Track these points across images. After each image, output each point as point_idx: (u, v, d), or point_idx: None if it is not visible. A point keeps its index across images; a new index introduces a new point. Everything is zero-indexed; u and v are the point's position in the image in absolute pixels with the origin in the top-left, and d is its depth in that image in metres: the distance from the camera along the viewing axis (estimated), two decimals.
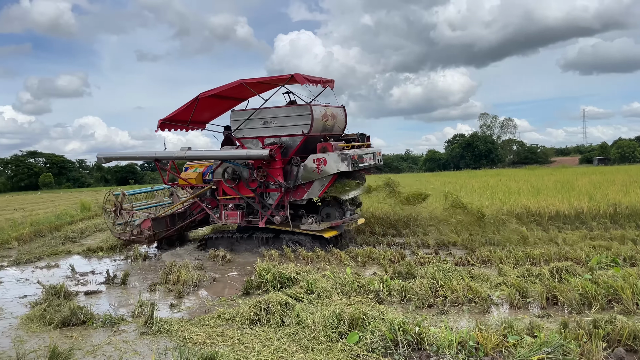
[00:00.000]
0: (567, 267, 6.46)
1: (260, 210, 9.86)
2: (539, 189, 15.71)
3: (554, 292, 5.57)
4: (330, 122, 9.92)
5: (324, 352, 4.34)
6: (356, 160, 9.25)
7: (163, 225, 11.09)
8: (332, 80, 10.16)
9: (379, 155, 10.35)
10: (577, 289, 5.47)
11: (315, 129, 9.44)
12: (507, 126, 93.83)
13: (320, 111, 9.58)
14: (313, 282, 6.26)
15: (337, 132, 10.31)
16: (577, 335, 4.15)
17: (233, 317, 5.46)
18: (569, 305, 5.31)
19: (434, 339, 4.31)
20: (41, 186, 73.42)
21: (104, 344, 4.82)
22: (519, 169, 58.81)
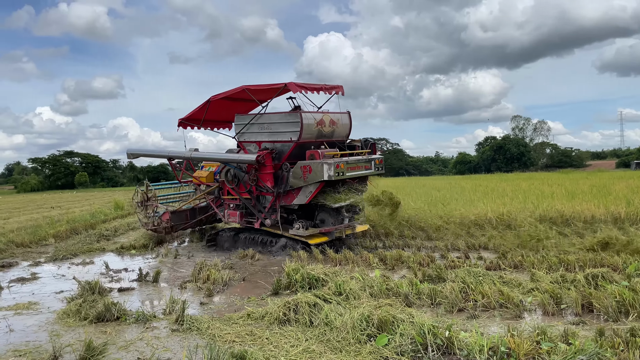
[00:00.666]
0: (603, 274, 6.28)
1: (255, 212, 10.23)
2: (573, 193, 15.31)
3: (589, 299, 5.42)
4: (329, 128, 9.89)
5: (352, 353, 4.33)
6: (342, 169, 9.17)
7: (182, 219, 11.81)
8: (339, 87, 10.30)
9: (379, 163, 10.19)
10: (613, 296, 5.31)
11: (308, 136, 9.51)
12: (541, 129, 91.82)
13: (313, 118, 9.59)
14: (341, 284, 6.26)
15: (339, 138, 10.27)
16: (614, 343, 4.02)
17: (262, 317, 5.50)
18: (605, 313, 5.16)
19: (465, 344, 4.24)
20: (77, 185, 75.55)
21: (136, 340, 4.93)
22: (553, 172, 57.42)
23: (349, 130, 10.49)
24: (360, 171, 9.67)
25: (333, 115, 10.11)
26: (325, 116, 9.88)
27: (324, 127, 9.78)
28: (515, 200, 13.44)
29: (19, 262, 10.16)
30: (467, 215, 11.61)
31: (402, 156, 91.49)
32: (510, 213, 11.33)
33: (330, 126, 9.92)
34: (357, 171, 9.61)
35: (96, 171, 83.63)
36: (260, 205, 10.20)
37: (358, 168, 9.62)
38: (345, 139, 10.49)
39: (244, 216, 10.61)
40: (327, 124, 9.85)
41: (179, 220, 11.75)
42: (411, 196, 17.31)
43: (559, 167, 79.08)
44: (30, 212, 22.78)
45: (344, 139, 10.46)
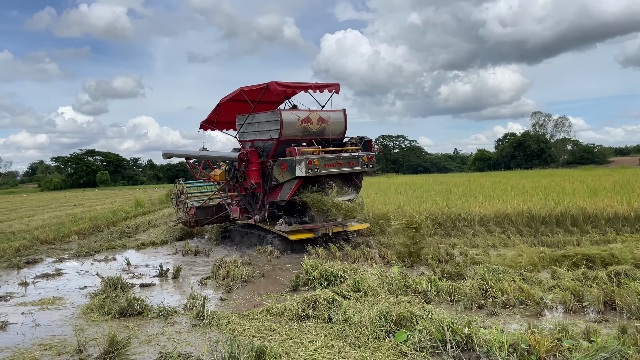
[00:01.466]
0: (626, 271, 6.18)
1: (249, 208, 10.62)
2: (595, 189, 15.07)
3: (611, 296, 5.34)
4: (317, 126, 9.99)
5: (371, 349, 4.35)
6: (316, 165, 9.19)
7: (208, 214, 12.31)
8: (333, 85, 10.36)
9: (368, 161, 10.06)
10: (637, 293, 5.22)
11: (290, 133, 9.68)
12: (562, 125, 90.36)
13: (295, 116, 9.74)
14: (360, 280, 6.27)
15: (333, 136, 10.28)
16: (637, 341, 3.97)
17: (281, 313, 5.54)
18: (628, 311, 5.08)
19: (484, 341, 4.22)
20: (98, 183, 76.81)
21: (158, 334, 5.01)
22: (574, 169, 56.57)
23: (344, 128, 10.50)
24: (342, 168, 9.68)
25: (323, 113, 10.19)
26: (312, 114, 9.99)
27: (310, 125, 9.90)
28: (536, 197, 13.28)
29: (43, 259, 10.38)
30: (486, 213, 11.51)
31: (420, 153, 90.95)
32: (531, 210, 11.21)
33: (319, 124, 10.02)
34: (338, 168, 9.63)
35: (117, 169, 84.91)
36: (253, 201, 10.54)
37: (339, 165, 9.63)
38: (340, 136, 10.51)
39: (245, 212, 10.97)
40: (315, 122, 9.96)
41: (204, 216, 12.24)
42: (429, 193, 17.22)
43: (581, 163, 77.77)
44: (54, 210, 23.25)
45: (339, 137, 10.47)
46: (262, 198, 10.18)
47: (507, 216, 11.21)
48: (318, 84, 10.36)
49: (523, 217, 11.05)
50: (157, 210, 21.30)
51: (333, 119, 10.29)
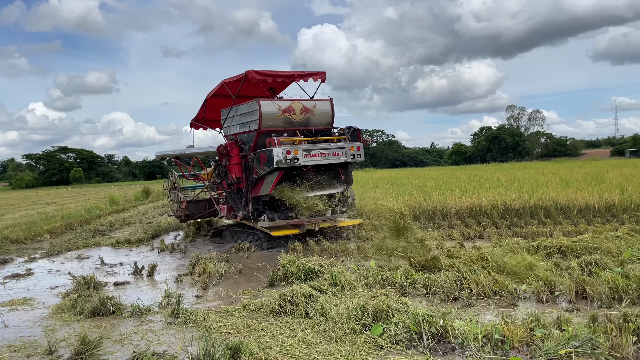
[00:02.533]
0: (597, 261, 6.31)
1: (234, 205, 10.18)
2: (568, 181, 15.38)
3: (583, 285, 5.44)
4: (301, 116, 9.56)
5: (347, 343, 4.34)
6: (294, 155, 8.73)
7: (200, 208, 12.06)
8: (319, 73, 9.94)
9: (354, 151, 9.49)
10: (607, 282, 5.34)
11: (271, 124, 9.29)
12: (535, 118, 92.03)
13: (275, 105, 9.31)
14: (337, 275, 6.27)
15: (319, 127, 9.84)
16: (607, 329, 4.05)
17: (258, 309, 5.51)
18: (599, 300, 5.19)
19: (459, 332, 4.26)
20: (72, 181, 75.32)
21: (131, 334, 4.92)
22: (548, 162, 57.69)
23: (331, 118, 10.04)
24: (325, 159, 9.17)
25: (307, 102, 9.70)
26: (295, 104, 9.54)
27: (293, 115, 9.46)
28: (510, 190, 13.48)
29: (13, 259, 10.12)
30: (462, 205, 11.63)
31: (398, 147, 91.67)
32: (505, 202, 11.37)
33: (302, 114, 9.57)
34: (321, 159, 9.12)
35: (91, 167, 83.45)
36: (238, 198, 10.15)
37: (322, 155, 9.11)
38: (327, 127, 10.04)
39: (231, 210, 10.51)
40: (298, 112, 9.50)
41: (196, 210, 12.02)
42: (407, 187, 17.34)
43: (554, 156, 79.38)
44: (25, 209, 22.70)
45: (325, 127, 10.01)
46: (245, 193, 9.80)
47: (483, 209, 11.35)
48: (302, 73, 9.94)
49: (498, 209, 11.20)
50: (132, 208, 20.98)
51: (318, 109, 9.82)
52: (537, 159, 75.61)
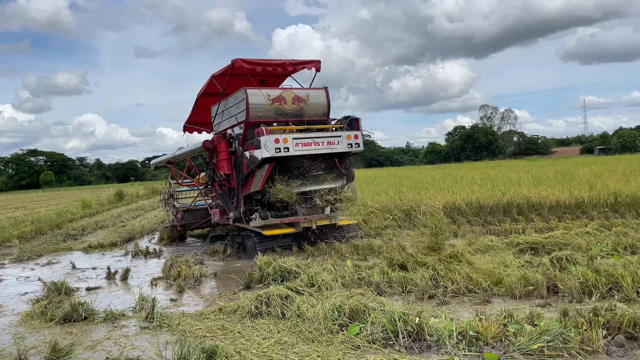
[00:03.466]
0: (567, 257, 6.45)
1: (225, 206, 9.51)
2: (539, 179, 15.70)
3: (554, 281, 5.56)
4: (293, 106, 8.80)
5: (324, 343, 4.34)
6: (285, 144, 7.99)
7: (197, 217, 11.39)
8: (313, 62, 9.32)
9: (351, 140, 8.67)
10: (577, 277, 5.46)
11: (261, 115, 8.58)
12: (508, 117, 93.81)
13: (264, 94, 8.58)
14: (314, 275, 6.26)
15: (314, 117, 9.05)
16: (577, 323, 4.14)
17: (234, 311, 5.46)
18: (570, 294, 5.30)
19: (435, 330, 4.30)
20: (42, 184, 73.59)
21: (104, 339, 4.81)
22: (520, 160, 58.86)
23: (327, 108, 9.22)
24: (320, 148, 8.41)
25: (300, 91, 9.01)
26: (286, 93, 8.84)
27: (284, 104, 8.75)
28: (484, 188, 13.68)
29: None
30: (435, 204, 11.75)
31: (374, 147, 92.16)
32: (479, 200, 11.54)
33: (295, 104, 8.83)
34: (315, 148, 8.37)
35: (62, 170, 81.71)
36: (229, 198, 9.53)
37: (316, 144, 8.35)
38: (322, 118, 9.21)
39: (224, 213, 9.78)
40: (290, 102, 8.79)
41: (193, 219, 11.33)
42: (382, 186, 17.45)
43: (526, 154, 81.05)
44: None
45: (321, 118, 9.19)
46: (237, 192, 9.07)
47: (457, 207, 11.49)
48: (294, 61, 9.24)
49: (472, 207, 11.36)
50: (105, 211, 20.59)
51: (312, 99, 9.03)
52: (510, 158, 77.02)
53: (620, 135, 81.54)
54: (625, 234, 8.01)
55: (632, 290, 5.14)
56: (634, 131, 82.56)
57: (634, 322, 4.13)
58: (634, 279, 5.27)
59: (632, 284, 5.22)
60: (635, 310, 4.33)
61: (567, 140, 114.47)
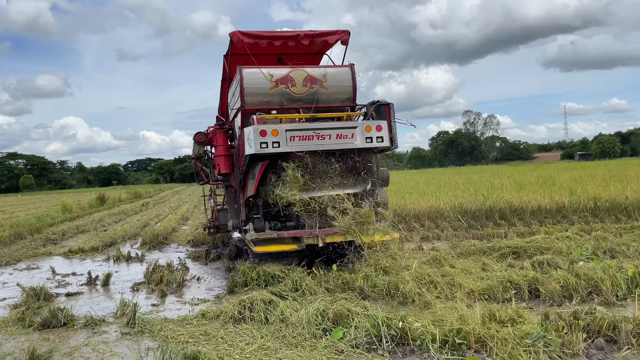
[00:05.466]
0: (548, 260, 6.54)
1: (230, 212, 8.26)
2: (521, 184, 15.90)
3: (535, 285, 5.62)
4: (304, 88, 7.16)
5: (308, 348, 4.32)
6: (274, 137, 6.45)
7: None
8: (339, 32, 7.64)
9: (370, 132, 6.73)
10: (558, 281, 5.53)
11: (263, 100, 7.13)
12: (490, 123, 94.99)
13: (264, 74, 7.04)
14: (298, 280, 6.25)
15: (333, 104, 7.39)
16: (558, 326, 4.18)
17: (217, 316, 5.41)
18: (550, 298, 5.36)
19: (418, 334, 4.31)
20: (22, 188, 72.34)
21: (82, 346, 4.72)
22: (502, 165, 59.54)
23: (353, 92, 7.39)
24: (324, 143, 6.64)
25: (314, 70, 7.26)
26: (295, 72, 7.16)
27: (292, 87, 7.13)
28: (467, 193, 13.81)
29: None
30: (420, 208, 11.83)
31: None
32: (462, 205, 11.64)
33: (306, 86, 7.17)
34: (318, 142, 6.63)
35: (42, 173, 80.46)
36: (232, 202, 8.26)
37: (320, 138, 6.62)
38: (346, 104, 7.46)
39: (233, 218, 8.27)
40: (300, 83, 7.14)
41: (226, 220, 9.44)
42: None
43: (508, 159, 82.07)
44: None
45: (343, 104, 7.44)
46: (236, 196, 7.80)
47: (440, 211, 11.57)
48: (311, 32, 7.44)
49: (455, 211, 11.44)
50: (86, 215, 20.30)
51: (332, 79, 7.24)
52: (493, 163, 77.89)
53: (600, 141, 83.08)
54: (605, 238, 8.15)
55: (612, 294, 5.23)
56: (613, 137, 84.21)
57: (614, 325, 4.19)
58: (613, 283, 5.37)
59: (612, 288, 5.31)
60: (614, 313, 4.40)
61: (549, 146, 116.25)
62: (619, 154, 77.92)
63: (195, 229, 13.84)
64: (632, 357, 3.89)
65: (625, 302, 5.17)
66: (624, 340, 4.04)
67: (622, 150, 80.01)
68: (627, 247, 7.54)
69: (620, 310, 4.91)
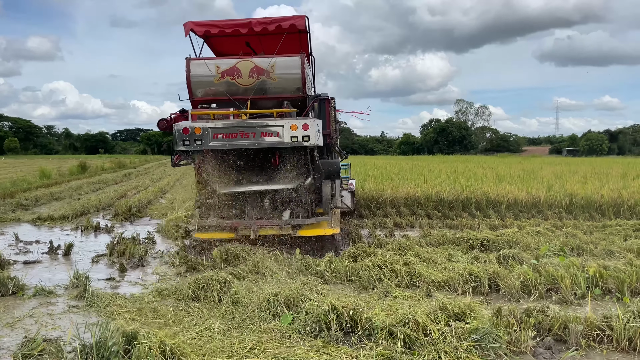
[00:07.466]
0: (514, 255, 6.49)
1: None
2: (502, 176, 15.87)
3: (496, 279, 5.57)
4: (251, 80, 7.09)
5: (255, 332, 4.23)
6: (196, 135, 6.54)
7: None
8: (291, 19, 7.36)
9: (296, 130, 6.59)
10: (518, 277, 5.48)
11: (209, 92, 7.19)
12: (482, 113, 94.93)
13: (210, 65, 7.08)
14: (259, 262, 6.15)
15: (282, 94, 7.27)
16: (509, 323, 4.13)
17: (172, 294, 5.31)
18: (509, 293, 5.32)
19: (368, 322, 4.23)
20: (6, 151, 71.33)
21: (26, 317, 4.60)
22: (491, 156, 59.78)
23: (302, 82, 7.19)
24: (248, 140, 6.62)
25: (261, 60, 7.12)
26: (242, 63, 7.08)
27: (237, 78, 7.10)
28: (446, 182, 13.74)
29: None
30: (397, 195, 11.75)
31: (349, 135, 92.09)
32: (439, 194, 11.57)
33: (253, 77, 7.10)
34: (242, 140, 6.61)
35: (28, 137, 79.36)
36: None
37: (244, 135, 6.60)
38: (297, 95, 7.29)
39: None
40: (246, 75, 7.07)
41: None
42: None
43: (497, 151, 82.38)
44: None
45: (293, 95, 7.29)
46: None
47: (417, 199, 11.50)
48: (263, 20, 7.25)
49: (432, 200, 11.38)
50: (64, 183, 19.96)
51: (280, 70, 7.11)
52: (482, 153, 78.16)
53: (588, 138, 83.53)
54: (574, 236, 8.13)
55: (570, 293, 5.18)
56: (601, 135, 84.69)
57: (565, 325, 4.14)
58: (572, 281, 5.32)
59: (571, 286, 5.26)
60: (567, 313, 4.36)
61: (538, 140, 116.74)
62: (606, 151, 78.54)
63: (171, 203, 13.68)
64: (580, 358, 3.85)
65: (583, 301, 5.13)
66: (573, 340, 4.00)
67: (609, 148, 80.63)
68: (595, 245, 7.52)
69: (577, 309, 4.88)
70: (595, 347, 3.98)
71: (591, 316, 4.21)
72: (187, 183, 19.94)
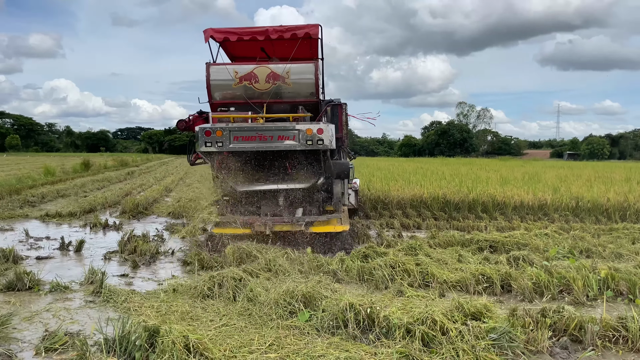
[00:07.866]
0: (524, 256, 6.53)
1: None
2: (507, 179, 15.90)
3: (508, 280, 5.60)
4: (267, 85, 7.43)
5: (273, 328, 4.26)
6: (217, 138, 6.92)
7: None
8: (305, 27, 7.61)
9: (311, 134, 6.89)
10: (530, 277, 5.52)
11: (228, 96, 7.56)
12: (484, 116, 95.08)
13: (230, 71, 7.43)
14: (272, 260, 6.19)
15: (296, 99, 7.61)
16: (525, 323, 4.17)
17: (186, 291, 5.34)
18: (522, 294, 5.35)
19: (385, 320, 4.27)
20: (8, 148, 71.39)
21: (42, 311, 4.64)
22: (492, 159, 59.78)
23: (315, 87, 7.49)
24: (266, 143, 6.97)
25: (277, 67, 7.45)
26: (259, 69, 7.42)
27: (255, 83, 7.45)
28: (452, 184, 13.78)
29: None
30: (404, 196, 11.79)
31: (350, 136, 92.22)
32: (446, 195, 11.61)
33: (269, 82, 7.43)
34: (260, 143, 6.96)
35: (29, 134, 79.38)
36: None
37: (262, 139, 6.95)
38: (310, 100, 7.63)
39: None
40: (263, 80, 7.43)
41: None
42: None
43: (498, 154, 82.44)
44: None
45: (307, 100, 7.61)
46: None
47: (424, 200, 11.54)
48: (280, 28, 7.54)
49: (438, 201, 11.42)
50: (69, 180, 20.00)
51: (294, 75, 7.43)
52: (483, 156, 78.23)
53: (589, 142, 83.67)
54: (582, 238, 8.17)
55: (582, 294, 5.23)
56: (602, 139, 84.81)
57: (580, 325, 4.18)
58: (585, 283, 5.36)
59: (583, 288, 5.30)
60: (582, 313, 4.39)
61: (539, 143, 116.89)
62: (607, 156, 78.64)
63: (177, 201, 13.71)
64: (596, 358, 3.89)
65: (595, 302, 5.17)
66: (589, 341, 4.04)
67: (610, 153, 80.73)
68: (604, 248, 7.56)
69: (590, 310, 4.92)
70: (611, 347, 4.01)
71: (607, 317, 4.25)
72: (191, 182, 19.97)
